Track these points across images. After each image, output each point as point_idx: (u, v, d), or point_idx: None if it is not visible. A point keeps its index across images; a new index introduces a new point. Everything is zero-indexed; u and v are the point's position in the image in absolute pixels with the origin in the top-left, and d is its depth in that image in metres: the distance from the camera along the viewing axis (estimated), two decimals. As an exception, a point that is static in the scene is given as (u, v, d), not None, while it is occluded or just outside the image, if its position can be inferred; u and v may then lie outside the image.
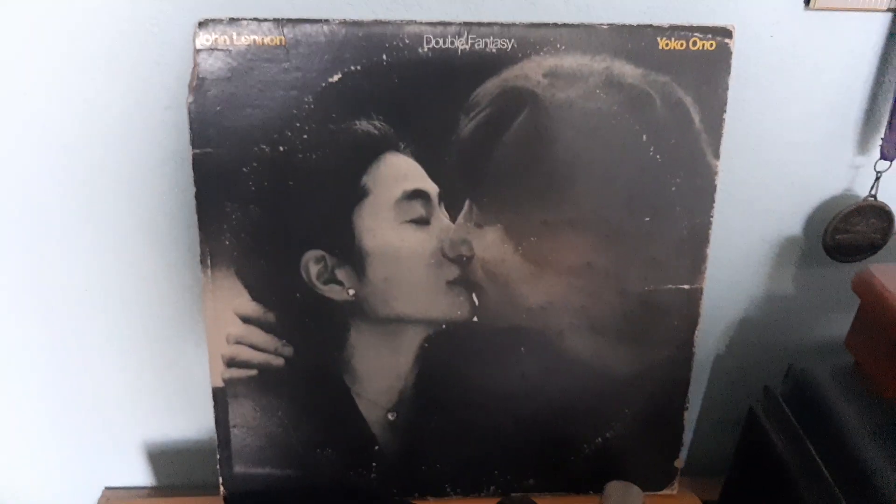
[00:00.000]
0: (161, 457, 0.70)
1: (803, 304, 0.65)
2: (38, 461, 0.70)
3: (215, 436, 0.58)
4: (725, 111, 0.52)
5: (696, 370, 0.59)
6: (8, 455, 0.69)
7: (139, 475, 0.72)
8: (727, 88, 0.52)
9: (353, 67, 0.49)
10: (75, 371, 0.64)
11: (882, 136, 0.56)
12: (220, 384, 0.57)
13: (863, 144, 0.58)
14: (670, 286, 0.56)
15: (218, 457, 0.58)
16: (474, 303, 0.56)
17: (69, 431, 0.68)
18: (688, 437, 0.72)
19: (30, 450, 0.69)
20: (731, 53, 0.51)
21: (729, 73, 0.51)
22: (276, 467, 0.59)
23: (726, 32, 0.50)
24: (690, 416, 0.70)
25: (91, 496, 0.71)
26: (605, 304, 0.57)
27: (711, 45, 0.51)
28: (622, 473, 0.58)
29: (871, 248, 0.60)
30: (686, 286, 0.56)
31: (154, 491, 0.72)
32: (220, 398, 0.57)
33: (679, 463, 0.62)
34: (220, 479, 0.59)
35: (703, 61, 0.51)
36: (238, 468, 0.59)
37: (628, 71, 0.51)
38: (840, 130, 0.58)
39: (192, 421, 0.68)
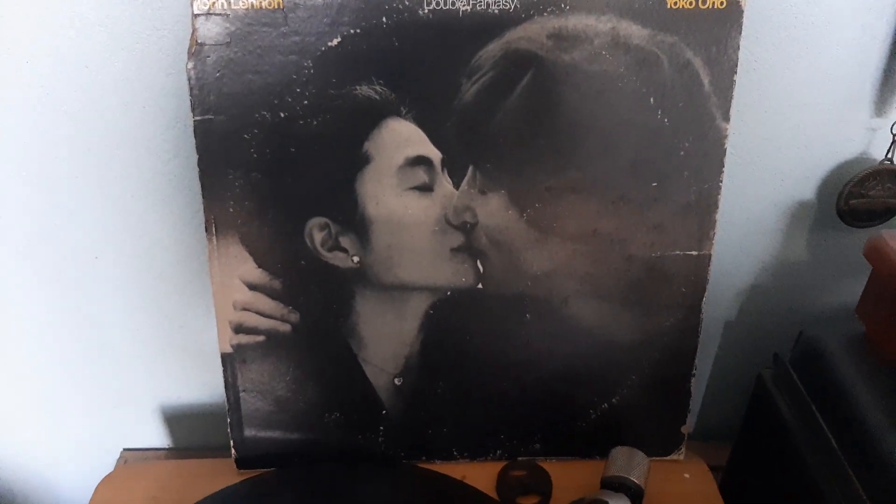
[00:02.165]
0: (176, 420, 0.72)
1: (815, 271, 0.64)
2: (59, 425, 0.72)
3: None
4: (736, 73, 0.51)
5: (704, 337, 0.58)
6: (28, 421, 0.71)
7: (156, 437, 0.73)
8: (738, 49, 0.50)
9: (352, 31, 0.49)
10: (90, 338, 0.66)
11: (900, 97, 0.54)
12: (229, 350, 0.57)
13: (879, 106, 0.56)
14: (678, 252, 0.56)
15: (228, 420, 0.60)
16: (479, 270, 0.56)
17: (87, 396, 0.70)
18: (696, 403, 0.72)
19: (50, 415, 0.71)
20: (742, 12, 0.49)
21: (740, 33, 0.50)
22: (286, 431, 0.60)
23: (738, -10, 0.49)
24: (699, 383, 0.70)
25: (110, 457, 0.73)
26: (611, 271, 0.56)
27: (722, 3, 0.49)
28: (628, 439, 0.58)
29: (887, 213, 0.59)
30: (694, 252, 0.56)
31: (170, 452, 0.74)
32: (229, 363, 0.58)
33: (686, 429, 0.62)
34: (231, 443, 0.60)
35: (714, 20, 0.49)
36: (248, 432, 0.60)
37: (635, 31, 0.50)
38: (855, 91, 0.56)
39: (205, 385, 0.69)
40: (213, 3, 0.48)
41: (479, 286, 0.56)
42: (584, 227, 0.55)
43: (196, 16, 0.48)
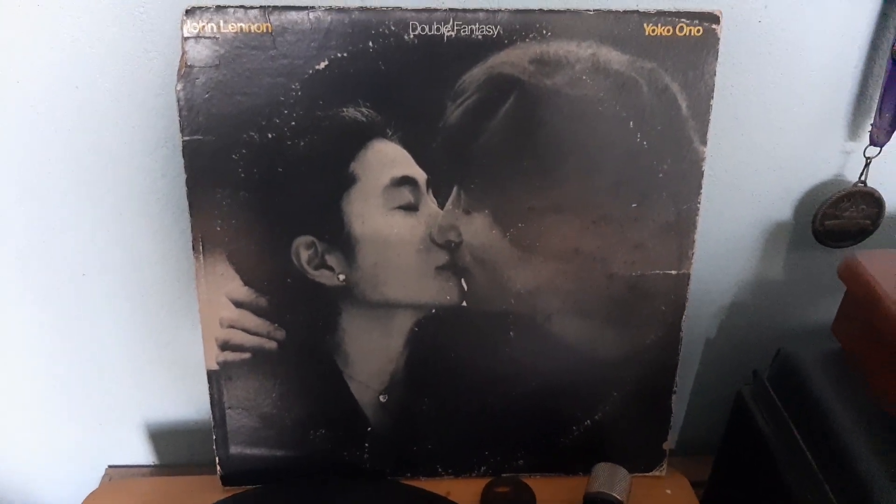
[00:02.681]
0: (162, 436, 0.72)
1: (792, 290, 0.65)
2: (44, 442, 0.72)
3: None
4: (713, 97, 0.52)
5: (685, 354, 0.59)
6: (14, 437, 0.71)
7: (141, 454, 0.73)
8: (714, 74, 0.51)
9: (339, 54, 0.50)
10: (76, 354, 0.66)
11: (872, 121, 0.56)
12: (215, 367, 0.58)
13: (853, 130, 0.58)
14: (657, 271, 0.57)
15: (214, 437, 0.60)
16: (463, 288, 0.56)
17: (72, 412, 0.69)
18: (677, 419, 0.73)
19: (35, 431, 0.71)
20: (718, 39, 0.51)
21: (716, 59, 0.51)
22: (272, 448, 0.61)
23: (713, 18, 0.50)
24: (680, 399, 0.71)
25: (95, 474, 0.73)
26: (593, 289, 0.57)
27: (698, 30, 0.51)
28: (611, 455, 0.59)
29: (861, 233, 0.60)
30: (673, 271, 0.57)
31: (156, 469, 0.74)
32: (215, 380, 0.58)
33: (667, 445, 0.62)
34: (217, 460, 0.60)
35: (690, 47, 0.51)
36: (234, 449, 0.60)
37: (615, 57, 0.51)
38: (830, 116, 0.57)
39: (191, 402, 0.70)
40: (203, 26, 0.49)
41: (464, 304, 0.57)
42: (566, 246, 0.56)
43: (186, 39, 0.49)
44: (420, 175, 0.53)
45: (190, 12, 0.48)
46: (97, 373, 0.67)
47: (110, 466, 0.73)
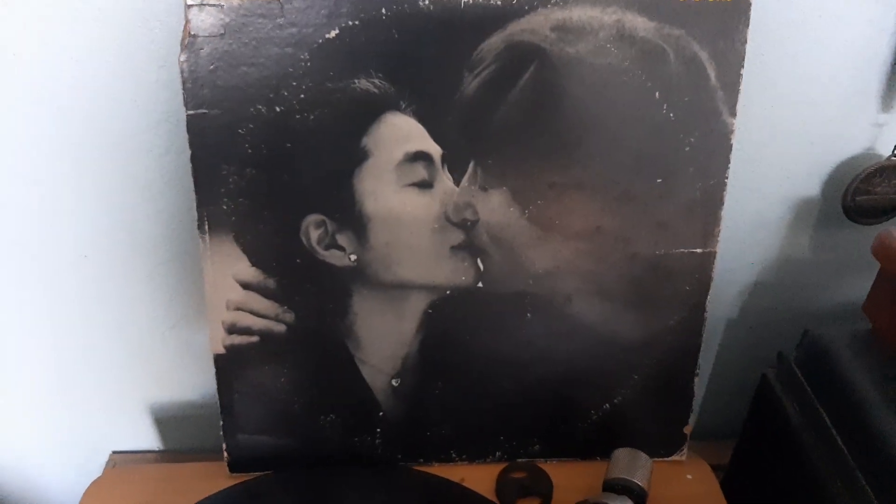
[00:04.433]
0: (168, 422, 0.71)
1: (820, 268, 0.64)
2: (47, 427, 0.70)
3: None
4: (743, 67, 0.50)
5: (707, 335, 0.58)
6: (16, 422, 0.70)
7: (146, 440, 0.72)
8: (745, 42, 0.49)
9: (350, 22, 0.47)
10: (78, 338, 0.64)
11: (907, 92, 0.54)
12: (222, 350, 0.56)
13: (887, 101, 0.56)
14: (682, 250, 0.55)
15: (221, 423, 0.58)
16: (479, 268, 0.54)
17: (75, 397, 0.68)
18: (698, 402, 0.71)
19: (38, 417, 0.69)
20: (750, 5, 0.48)
21: (748, 27, 0.49)
22: (280, 433, 0.59)
23: (745, -18, 0.48)
24: (701, 382, 0.70)
25: (99, 460, 0.71)
26: (614, 269, 0.55)
27: (729, -5, 0.48)
28: (630, 439, 0.57)
29: (893, 209, 0.58)
30: (698, 250, 0.55)
31: (161, 455, 0.72)
32: (222, 365, 0.56)
33: (688, 429, 0.61)
34: (224, 446, 0.59)
35: (721, 13, 0.48)
36: (242, 434, 0.59)
37: (641, 24, 0.48)
38: (863, 87, 0.55)
39: (197, 386, 0.68)
40: (207, -8, 0.46)
41: (480, 285, 0.55)
42: (587, 225, 0.54)
43: (189, 6, 0.46)
44: (435, 150, 0.51)
45: (193, -23, 0.46)
46: (100, 357, 0.65)
47: (114, 452, 0.72)
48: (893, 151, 0.56)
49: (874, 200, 0.58)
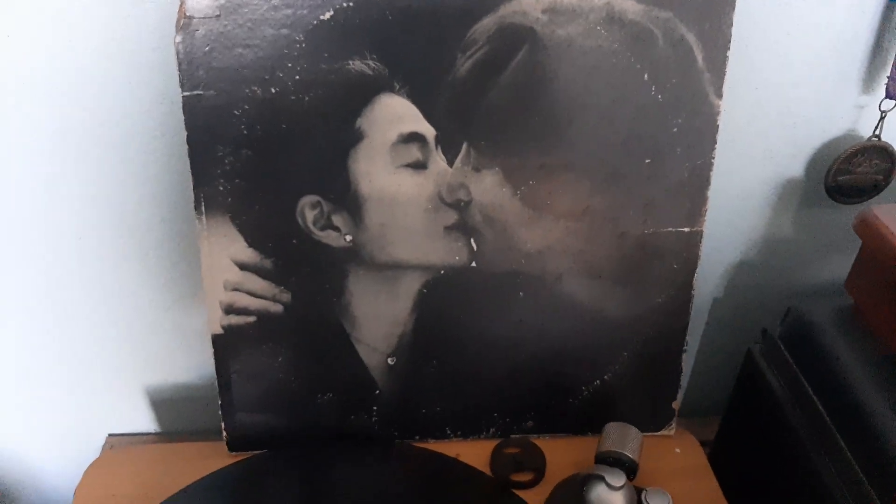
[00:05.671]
0: (164, 403, 0.71)
1: (804, 247, 0.65)
2: (44, 410, 0.70)
3: (216, 382, 0.58)
4: (729, 49, 0.51)
5: (694, 313, 0.59)
6: (12, 405, 0.70)
7: (143, 422, 0.72)
8: (731, 25, 0.50)
9: (344, 4, 0.48)
10: (74, 321, 0.64)
11: (888, 74, 0.55)
12: (220, 331, 0.57)
13: (868, 83, 0.57)
14: (670, 229, 0.56)
15: (220, 403, 0.59)
16: (472, 248, 0.55)
17: (71, 380, 0.68)
18: (686, 378, 0.73)
19: (35, 400, 0.70)
20: (736, -12, 0.49)
21: (734, 9, 0.50)
22: (278, 412, 0.60)
23: (731, -35, 0.49)
24: (689, 358, 0.71)
25: (96, 443, 0.71)
26: (604, 248, 0.56)
27: (716, -22, 0.49)
28: (620, 415, 0.58)
29: (874, 189, 0.60)
30: (686, 229, 0.56)
31: (158, 437, 0.73)
32: (220, 345, 0.57)
33: (676, 404, 0.62)
34: (223, 425, 0.60)
35: (707, -4, 0.49)
36: (240, 414, 0.60)
37: (629, 6, 0.49)
38: (844, 69, 0.56)
39: (194, 367, 0.69)
40: (203, -26, 0.46)
41: (473, 264, 0.56)
42: (577, 205, 0.55)
43: (184, -12, 0.47)
44: (429, 131, 0.52)
45: (188, -41, 0.46)
46: (96, 339, 0.66)
47: (111, 435, 0.72)
48: (874, 132, 0.57)
49: (855, 180, 0.59)
